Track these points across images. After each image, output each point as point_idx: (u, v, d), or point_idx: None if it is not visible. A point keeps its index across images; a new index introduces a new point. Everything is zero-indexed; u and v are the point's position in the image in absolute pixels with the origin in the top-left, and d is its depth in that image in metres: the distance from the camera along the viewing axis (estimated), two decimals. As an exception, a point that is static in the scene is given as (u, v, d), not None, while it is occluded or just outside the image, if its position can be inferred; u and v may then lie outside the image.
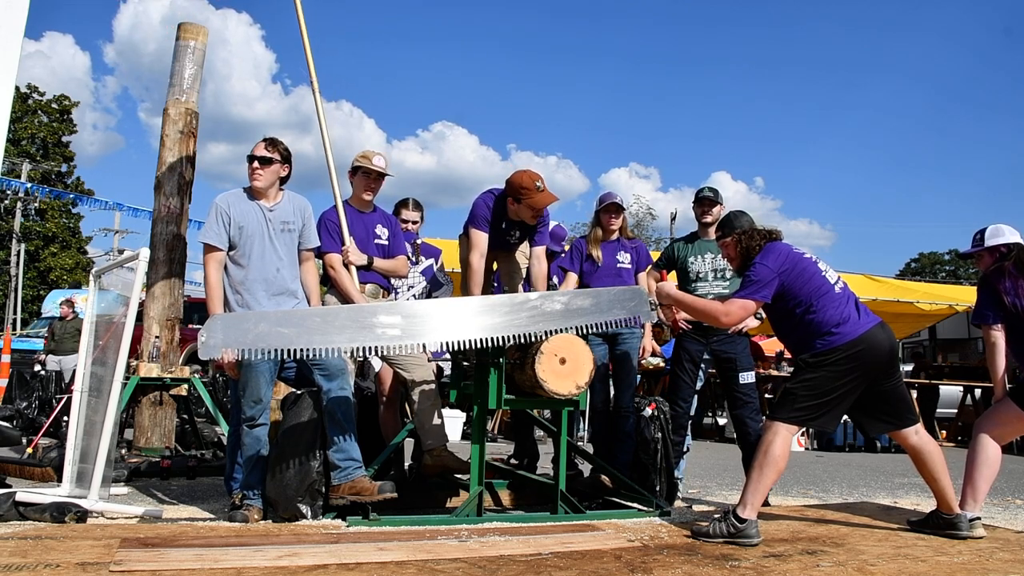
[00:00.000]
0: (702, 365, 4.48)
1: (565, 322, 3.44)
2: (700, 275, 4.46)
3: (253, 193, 3.69)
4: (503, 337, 3.32)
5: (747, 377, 4.38)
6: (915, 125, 79.71)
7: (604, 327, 3.53)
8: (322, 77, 4.50)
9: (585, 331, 3.50)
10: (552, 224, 4.61)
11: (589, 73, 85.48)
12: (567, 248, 4.95)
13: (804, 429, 9.20)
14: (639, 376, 10.26)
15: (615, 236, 4.60)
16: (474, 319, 3.34)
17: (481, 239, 4.16)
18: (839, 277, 3.42)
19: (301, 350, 3.17)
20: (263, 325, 3.17)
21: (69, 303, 11.86)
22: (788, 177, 76.11)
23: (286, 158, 3.73)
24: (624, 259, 4.57)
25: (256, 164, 3.65)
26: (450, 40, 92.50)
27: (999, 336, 3.55)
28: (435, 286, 4.73)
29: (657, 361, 8.12)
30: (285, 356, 3.26)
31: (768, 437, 3.24)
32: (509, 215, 4.15)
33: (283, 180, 3.76)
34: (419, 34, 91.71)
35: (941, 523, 3.39)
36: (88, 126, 55.81)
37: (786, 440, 3.24)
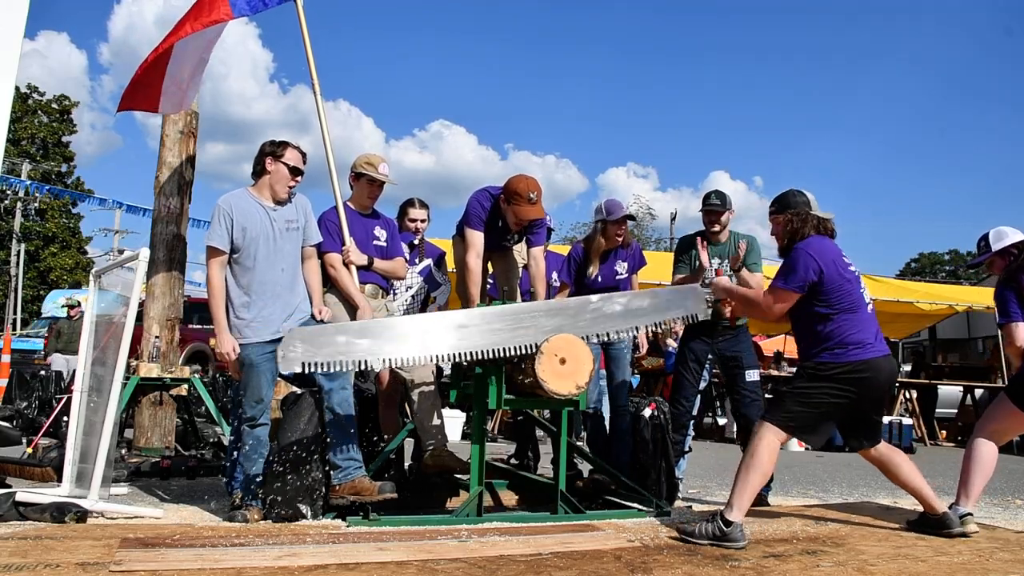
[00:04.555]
0: (706, 365, 4.47)
1: (626, 323, 3.60)
2: (707, 280, 4.42)
3: (271, 196, 3.68)
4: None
5: (752, 375, 4.37)
6: (916, 118, 79.66)
7: (664, 326, 3.69)
8: (319, 75, 4.50)
9: (648, 331, 3.70)
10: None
11: (588, 71, 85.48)
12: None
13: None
14: (638, 376, 10.28)
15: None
16: (542, 322, 3.48)
17: (477, 239, 4.16)
18: (871, 300, 3.40)
19: (382, 360, 3.30)
20: (342, 337, 3.29)
21: (78, 303, 11.95)
22: (787, 176, 76.18)
23: None
24: (622, 268, 4.54)
25: (299, 178, 3.71)
26: (449, 38, 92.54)
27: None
28: (432, 286, 4.73)
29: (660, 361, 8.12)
30: (364, 368, 3.38)
31: (755, 439, 3.26)
32: (502, 214, 4.15)
33: None
34: (417, 31, 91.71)
35: (931, 523, 3.41)
36: (86, 126, 55.91)
37: (772, 443, 3.24)
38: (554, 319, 3.51)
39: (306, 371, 3.25)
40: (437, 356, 3.44)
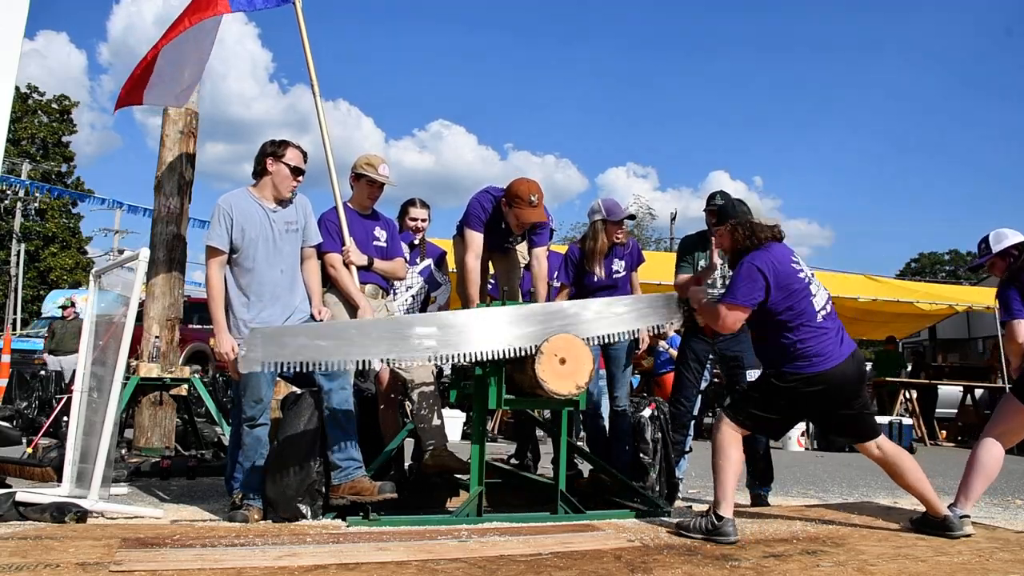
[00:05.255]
0: (707, 365, 4.47)
1: (600, 330, 3.53)
2: (709, 280, 4.41)
3: (273, 196, 3.68)
4: (538, 346, 3.36)
5: (753, 375, 4.37)
6: (916, 117, 79.61)
7: (636, 333, 3.69)
8: (319, 75, 4.51)
9: (618, 338, 3.65)
10: None
11: (587, 71, 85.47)
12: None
13: (805, 429, 9.27)
14: (638, 376, 10.27)
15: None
16: (508, 328, 3.41)
17: (476, 239, 4.16)
18: (827, 300, 3.34)
19: (339, 362, 3.22)
20: (302, 338, 3.23)
21: (72, 303, 11.97)
22: (787, 176, 76.21)
23: None
24: (619, 267, 4.53)
25: (301, 178, 3.71)
26: (449, 37, 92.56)
27: None
28: (433, 286, 4.73)
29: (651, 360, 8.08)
30: (324, 369, 3.31)
31: (716, 434, 3.34)
32: (504, 216, 4.15)
33: None
34: (417, 31, 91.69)
35: (934, 525, 3.40)
36: (86, 126, 55.88)
37: (731, 433, 3.30)
38: (525, 326, 3.42)
39: (265, 371, 3.22)
40: (390, 361, 3.37)
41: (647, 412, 4.28)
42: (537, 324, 3.43)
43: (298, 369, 3.23)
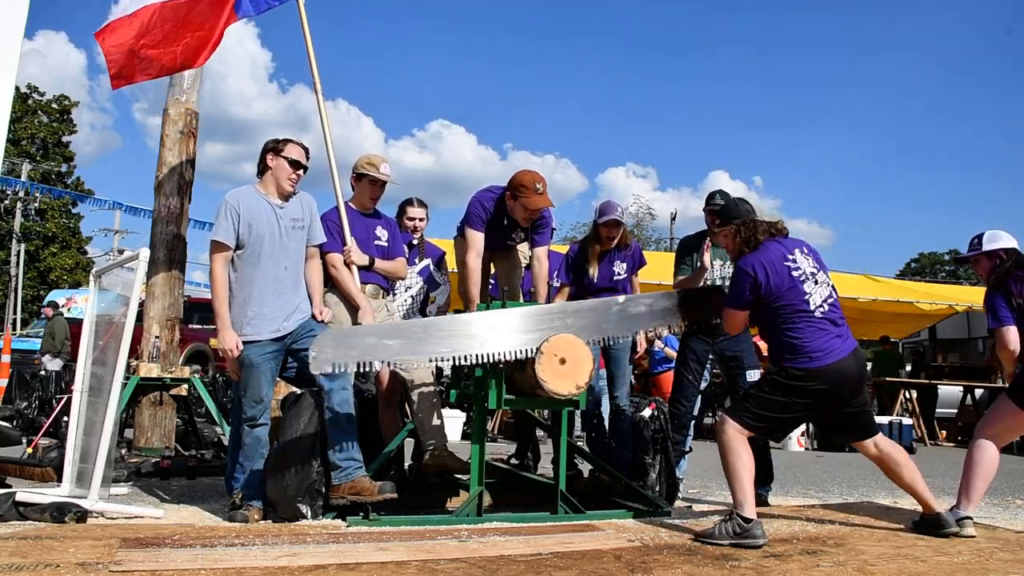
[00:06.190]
0: (707, 365, 4.47)
1: (640, 325, 3.72)
2: (708, 281, 4.41)
3: (277, 192, 3.70)
4: (589, 341, 3.46)
5: (753, 375, 4.37)
6: (917, 117, 79.48)
7: (658, 331, 3.83)
8: (319, 74, 4.50)
9: (649, 336, 3.83)
10: None
11: (587, 70, 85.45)
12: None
13: (805, 429, 9.26)
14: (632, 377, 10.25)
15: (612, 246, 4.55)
16: (556, 323, 3.51)
17: (477, 239, 4.15)
18: (828, 297, 3.34)
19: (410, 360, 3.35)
20: (370, 338, 3.35)
21: (53, 304, 12.27)
22: (787, 176, 76.13)
23: None
24: (620, 269, 4.53)
25: (301, 172, 3.73)
26: (449, 37, 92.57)
27: (1016, 337, 3.55)
28: (432, 286, 4.73)
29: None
30: (395, 367, 3.48)
31: (721, 436, 3.31)
32: (508, 211, 4.15)
33: None
34: (416, 30, 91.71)
35: (928, 523, 3.41)
36: (86, 126, 55.85)
37: (734, 435, 3.29)
38: (576, 320, 3.54)
39: (336, 371, 3.31)
40: (465, 358, 3.44)
41: (647, 412, 4.28)
42: (585, 319, 3.61)
43: (370, 369, 3.37)
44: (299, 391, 3.73)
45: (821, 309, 3.30)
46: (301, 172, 3.74)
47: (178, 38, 4.51)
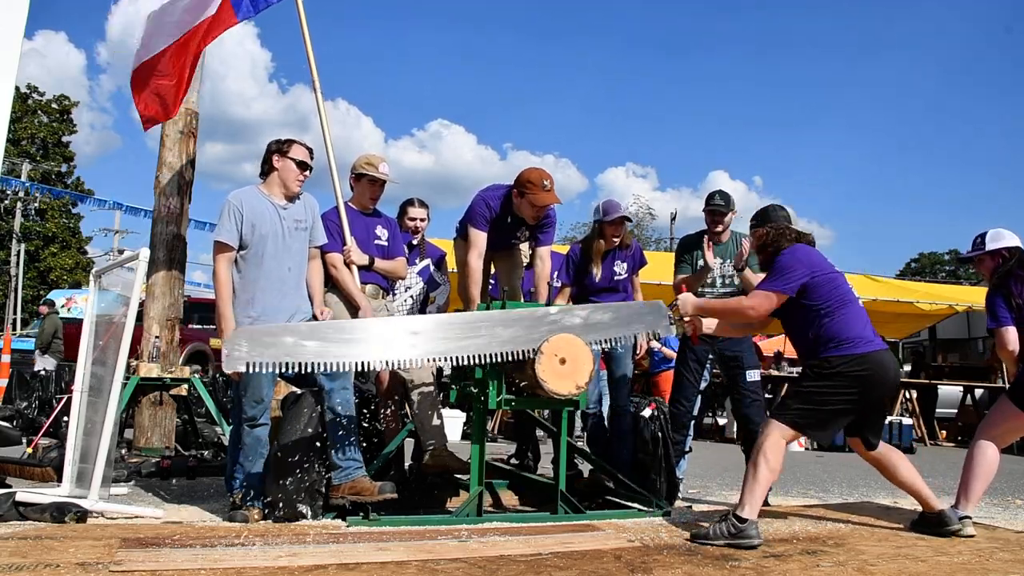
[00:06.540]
0: (707, 365, 4.47)
1: (585, 337, 3.47)
2: (708, 280, 4.41)
3: (282, 193, 3.70)
4: (523, 351, 3.35)
5: (753, 375, 4.37)
6: (916, 117, 79.36)
7: (624, 341, 3.63)
8: (318, 74, 4.50)
9: (605, 345, 3.60)
10: None
11: (587, 70, 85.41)
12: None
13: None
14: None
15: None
16: (496, 332, 3.39)
17: (480, 238, 4.13)
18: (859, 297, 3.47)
19: (325, 364, 3.19)
20: (289, 338, 3.20)
21: (49, 303, 12.36)
22: (787, 176, 76.02)
23: None
24: (621, 268, 4.52)
25: (307, 173, 3.72)
26: (448, 37, 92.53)
27: (1015, 337, 3.56)
28: (432, 286, 4.73)
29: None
30: (311, 369, 3.27)
31: (761, 437, 3.27)
32: (514, 209, 4.13)
33: None
34: (416, 30, 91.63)
35: (930, 521, 3.41)
36: (86, 126, 55.86)
37: (778, 440, 3.25)
38: (512, 330, 3.42)
39: (250, 371, 3.18)
40: (390, 362, 3.33)
41: (647, 412, 4.28)
42: (524, 329, 3.41)
43: (283, 370, 3.23)
44: (299, 391, 3.72)
45: (860, 302, 3.40)
46: (307, 173, 3.74)
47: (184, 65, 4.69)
